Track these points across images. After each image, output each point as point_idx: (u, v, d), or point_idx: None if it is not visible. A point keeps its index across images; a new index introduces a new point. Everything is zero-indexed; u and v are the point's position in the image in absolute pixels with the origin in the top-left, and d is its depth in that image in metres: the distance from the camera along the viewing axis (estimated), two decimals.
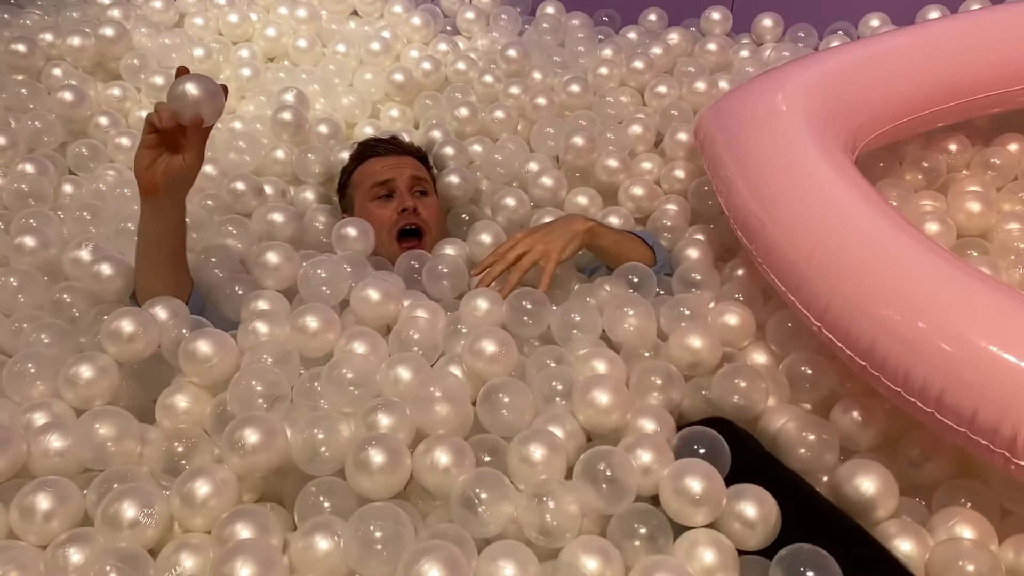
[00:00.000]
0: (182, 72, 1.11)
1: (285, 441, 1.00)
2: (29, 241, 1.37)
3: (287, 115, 1.74)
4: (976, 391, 0.92)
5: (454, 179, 1.63)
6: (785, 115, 1.30)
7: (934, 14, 1.95)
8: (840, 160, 1.23)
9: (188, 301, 1.25)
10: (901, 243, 1.06)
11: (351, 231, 1.40)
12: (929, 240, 1.09)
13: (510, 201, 1.59)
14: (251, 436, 0.97)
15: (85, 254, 1.34)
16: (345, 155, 1.71)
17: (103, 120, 1.75)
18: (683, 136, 1.69)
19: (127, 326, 1.10)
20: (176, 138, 1.13)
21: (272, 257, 1.30)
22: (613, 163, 1.65)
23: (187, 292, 1.27)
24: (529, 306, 1.22)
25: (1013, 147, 1.64)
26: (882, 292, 1.02)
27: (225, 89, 1.14)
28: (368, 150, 1.62)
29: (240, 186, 1.55)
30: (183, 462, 0.99)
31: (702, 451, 1.04)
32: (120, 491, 0.92)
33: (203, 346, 1.09)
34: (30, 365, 1.12)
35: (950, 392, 0.94)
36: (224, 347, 1.11)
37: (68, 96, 1.72)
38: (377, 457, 0.95)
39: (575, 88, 1.84)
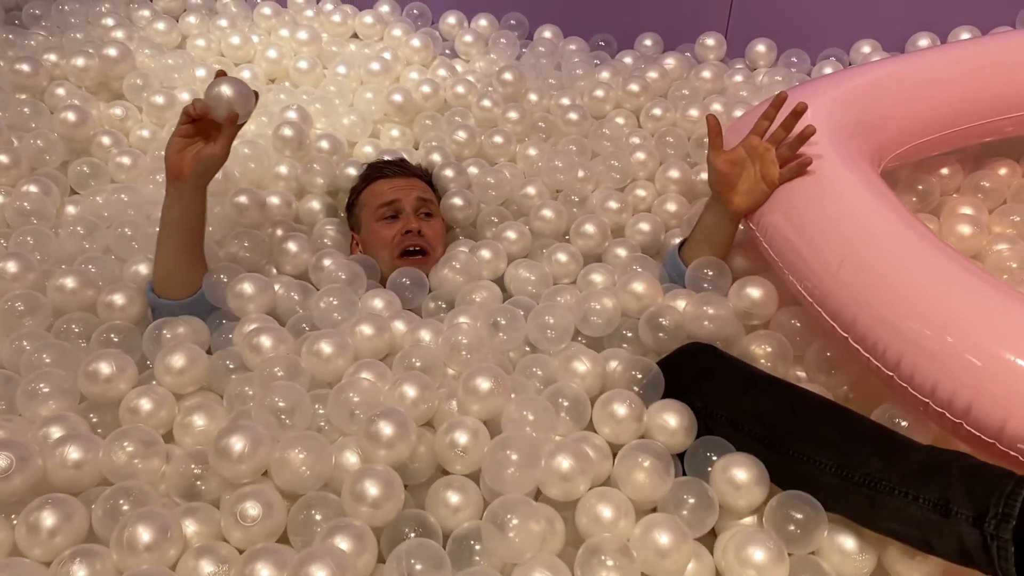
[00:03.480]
0: (220, 74, 1.27)
1: (268, 450, 1.02)
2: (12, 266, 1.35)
3: (288, 131, 1.76)
4: (1004, 404, 0.93)
5: (457, 201, 1.64)
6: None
7: (923, 42, 2.00)
8: (867, 172, 1.23)
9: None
10: (928, 256, 1.07)
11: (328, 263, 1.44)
12: (956, 253, 1.09)
13: (511, 234, 1.58)
14: (237, 444, 0.99)
15: (70, 282, 1.34)
16: (351, 171, 1.72)
17: (105, 139, 1.76)
18: (675, 173, 1.71)
19: (104, 368, 1.13)
20: (208, 131, 1.28)
21: (248, 287, 1.32)
22: (614, 204, 1.64)
23: (201, 279, 1.35)
24: (503, 321, 1.28)
25: (1003, 171, 1.68)
26: (910, 306, 1.03)
27: (256, 94, 1.29)
28: (377, 171, 1.65)
29: (243, 200, 1.56)
30: (199, 483, 1.02)
31: (799, 516, 1.04)
32: (136, 515, 0.93)
33: (177, 360, 1.15)
34: (43, 384, 1.13)
35: (978, 405, 0.95)
36: (196, 360, 1.16)
37: (71, 116, 1.73)
38: (372, 489, 0.97)
39: (573, 116, 1.86)
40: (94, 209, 1.61)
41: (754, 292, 1.33)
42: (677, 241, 1.53)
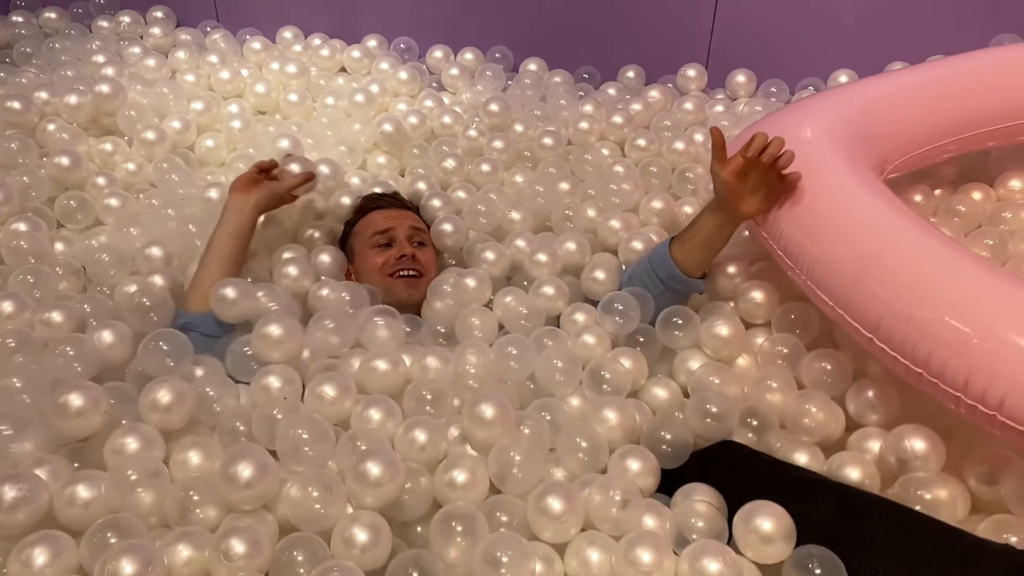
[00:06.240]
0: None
1: (276, 478, 1.02)
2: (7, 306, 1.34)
3: (286, 143, 1.81)
4: None
5: (447, 227, 1.66)
6: (810, 141, 1.33)
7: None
8: (872, 178, 1.26)
9: None
10: (946, 253, 1.09)
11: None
12: (968, 249, 1.12)
13: (489, 255, 1.59)
14: (244, 471, 0.98)
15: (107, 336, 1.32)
16: (345, 200, 1.73)
17: (100, 180, 1.76)
18: (657, 204, 1.72)
19: (75, 400, 1.10)
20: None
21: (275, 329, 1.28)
22: (616, 224, 1.67)
23: None
24: (515, 351, 1.27)
25: (977, 195, 1.71)
26: (935, 302, 1.04)
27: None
28: (372, 202, 1.69)
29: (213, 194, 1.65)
30: (197, 511, 1.01)
31: (818, 571, 0.99)
32: (119, 548, 0.91)
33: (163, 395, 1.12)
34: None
35: (1012, 396, 0.96)
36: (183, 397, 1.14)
37: (65, 161, 1.73)
38: (361, 535, 0.97)
39: (548, 141, 1.90)
40: (85, 245, 1.61)
41: (723, 330, 1.37)
42: (661, 240, 1.52)
